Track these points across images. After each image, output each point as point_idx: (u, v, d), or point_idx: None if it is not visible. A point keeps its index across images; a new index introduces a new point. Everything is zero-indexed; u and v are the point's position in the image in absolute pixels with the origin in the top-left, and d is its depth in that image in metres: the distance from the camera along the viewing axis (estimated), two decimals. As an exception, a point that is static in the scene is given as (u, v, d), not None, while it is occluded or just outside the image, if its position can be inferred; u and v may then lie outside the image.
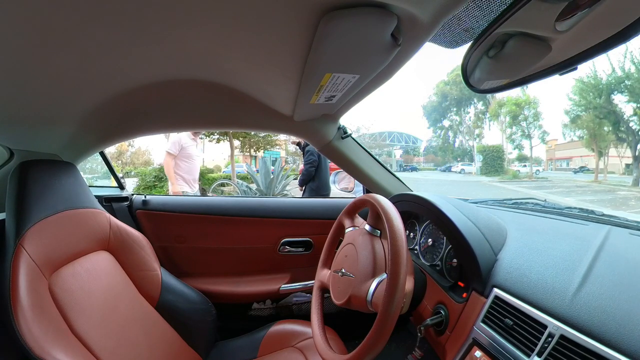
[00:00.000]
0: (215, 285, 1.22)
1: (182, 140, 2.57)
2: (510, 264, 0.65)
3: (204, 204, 1.29)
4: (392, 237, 0.55)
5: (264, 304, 1.29)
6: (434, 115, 35.85)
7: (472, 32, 0.52)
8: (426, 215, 0.92)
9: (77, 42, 0.42)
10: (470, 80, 0.60)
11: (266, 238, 1.26)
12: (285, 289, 1.25)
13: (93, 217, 0.87)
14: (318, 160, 2.77)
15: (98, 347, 0.69)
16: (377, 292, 0.59)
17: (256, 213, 1.25)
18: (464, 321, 0.65)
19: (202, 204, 1.29)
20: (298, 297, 1.29)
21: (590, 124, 15.38)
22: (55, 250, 0.73)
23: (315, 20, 0.39)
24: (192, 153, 2.67)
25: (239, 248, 1.28)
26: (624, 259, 0.58)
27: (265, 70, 0.58)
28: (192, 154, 2.68)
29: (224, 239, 1.27)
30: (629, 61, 14.06)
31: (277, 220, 1.26)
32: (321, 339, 0.68)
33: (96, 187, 1.76)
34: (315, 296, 0.79)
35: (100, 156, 1.36)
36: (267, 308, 1.30)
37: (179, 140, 2.57)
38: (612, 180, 15.34)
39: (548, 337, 0.49)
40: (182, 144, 2.57)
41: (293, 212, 1.27)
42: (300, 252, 1.28)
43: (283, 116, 0.87)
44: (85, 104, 0.69)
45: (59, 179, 0.83)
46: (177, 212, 1.26)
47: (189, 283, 1.03)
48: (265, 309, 1.30)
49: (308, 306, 1.29)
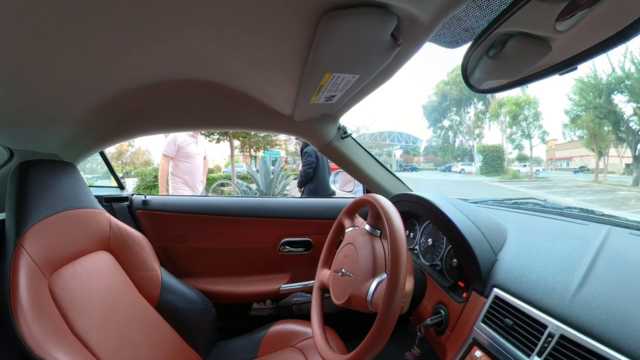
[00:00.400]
0: (215, 285, 1.22)
1: (178, 139, 2.34)
2: (510, 264, 0.65)
3: (204, 204, 1.30)
4: (392, 237, 0.55)
5: (264, 304, 1.29)
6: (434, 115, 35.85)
7: (472, 32, 0.52)
8: (426, 215, 0.92)
9: (78, 42, 0.42)
10: (470, 80, 0.60)
11: (266, 238, 1.27)
12: (285, 289, 1.25)
13: (93, 217, 0.86)
14: (316, 162, 2.75)
15: (98, 347, 0.69)
16: (377, 292, 0.59)
17: (256, 213, 1.26)
18: (464, 321, 0.65)
19: (203, 204, 1.29)
20: (298, 297, 1.30)
21: (590, 123, 15.38)
22: (55, 250, 0.73)
23: (315, 21, 0.39)
24: (191, 152, 2.42)
25: (239, 248, 1.28)
26: (624, 259, 0.58)
27: (265, 70, 0.57)
28: (191, 152, 2.42)
29: (224, 239, 1.27)
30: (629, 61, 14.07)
31: (277, 220, 1.26)
32: (321, 339, 0.68)
33: (96, 187, 1.77)
34: (315, 296, 0.79)
35: (100, 156, 1.36)
36: (267, 308, 1.30)
37: (174, 140, 2.34)
38: (612, 180, 15.34)
39: (548, 337, 0.49)
40: (179, 143, 2.34)
41: (293, 212, 1.28)
42: (300, 252, 1.28)
43: (283, 116, 0.87)
44: (85, 104, 0.69)
45: (59, 179, 0.83)
46: (177, 212, 1.26)
47: (189, 283, 1.03)
48: (265, 308, 1.30)
49: (308, 306, 1.29)
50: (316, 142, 1.05)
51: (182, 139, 2.36)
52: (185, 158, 2.40)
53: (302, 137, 1.03)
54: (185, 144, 2.37)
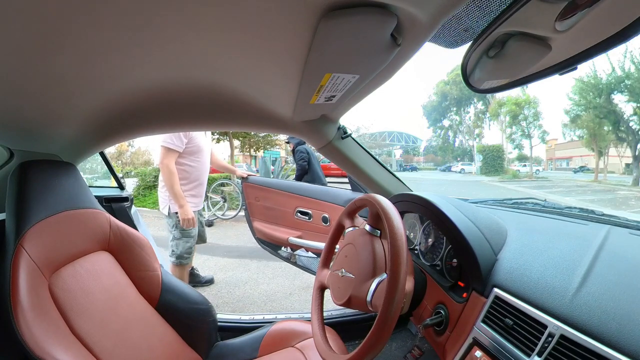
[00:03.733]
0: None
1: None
2: (510, 263, 0.65)
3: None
4: (392, 237, 0.55)
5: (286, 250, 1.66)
6: (434, 114, 35.89)
7: (472, 32, 0.52)
8: (426, 215, 0.92)
9: (78, 42, 0.42)
10: (470, 80, 0.60)
11: (289, 206, 1.69)
12: (292, 241, 1.63)
13: (93, 218, 0.86)
14: (309, 156, 3.21)
15: (98, 347, 0.69)
16: (377, 292, 0.59)
17: (286, 189, 1.68)
18: (464, 321, 0.65)
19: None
20: (300, 253, 1.61)
21: (590, 123, 15.39)
22: (55, 251, 0.73)
23: (315, 21, 0.39)
24: (201, 146, 1.78)
25: (276, 208, 1.70)
26: (624, 259, 0.58)
27: (266, 70, 0.57)
28: (202, 147, 1.79)
29: (271, 203, 1.69)
30: (629, 61, 14.09)
31: (295, 195, 1.65)
32: (321, 339, 0.68)
33: (96, 187, 1.76)
34: (315, 296, 0.78)
35: (100, 156, 1.36)
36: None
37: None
38: (612, 180, 15.35)
39: (548, 337, 0.49)
40: (191, 134, 1.71)
41: (305, 192, 1.65)
42: (305, 219, 1.62)
43: (283, 116, 0.87)
44: (85, 104, 0.69)
45: (59, 179, 0.83)
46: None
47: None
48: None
49: (304, 260, 1.59)
50: (316, 142, 1.05)
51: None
52: (195, 155, 1.76)
53: (302, 137, 1.03)
54: (194, 135, 1.74)
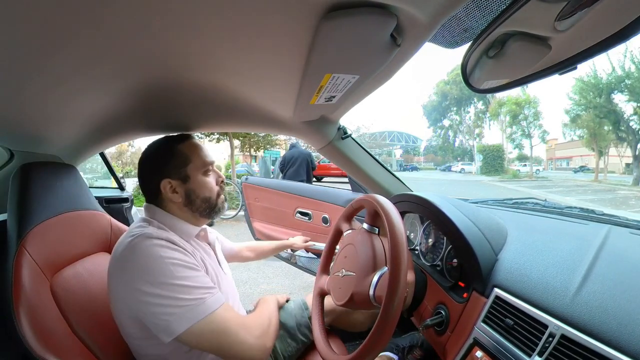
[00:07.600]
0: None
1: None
2: (510, 263, 0.65)
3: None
4: (391, 228, 0.56)
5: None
6: (434, 114, 35.90)
7: (472, 32, 0.52)
8: (426, 216, 0.92)
9: (78, 43, 0.42)
10: (470, 80, 0.60)
11: (289, 206, 1.70)
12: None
13: (94, 219, 0.87)
14: (284, 161, 3.82)
15: (98, 347, 0.69)
16: (380, 284, 0.60)
17: (287, 190, 1.68)
18: (465, 321, 0.65)
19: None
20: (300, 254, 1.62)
21: (590, 123, 15.39)
22: (56, 252, 0.73)
23: (315, 21, 0.39)
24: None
25: (276, 209, 1.70)
26: (624, 258, 0.58)
27: (266, 71, 0.58)
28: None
29: (275, 204, 1.67)
30: (629, 60, 14.08)
31: (295, 196, 1.66)
32: (322, 341, 0.68)
33: (96, 187, 1.76)
34: (316, 302, 0.79)
35: (100, 157, 1.37)
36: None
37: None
38: (612, 180, 15.35)
39: (549, 337, 0.49)
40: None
41: (304, 192, 1.66)
42: (305, 220, 1.64)
43: (283, 117, 0.87)
44: (85, 105, 0.69)
45: (60, 181, 0.83)
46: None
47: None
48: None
49: (304, 260, 1.60)
50: (316, 143, 1.05)
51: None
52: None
53: (302, 137, 1.03)
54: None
